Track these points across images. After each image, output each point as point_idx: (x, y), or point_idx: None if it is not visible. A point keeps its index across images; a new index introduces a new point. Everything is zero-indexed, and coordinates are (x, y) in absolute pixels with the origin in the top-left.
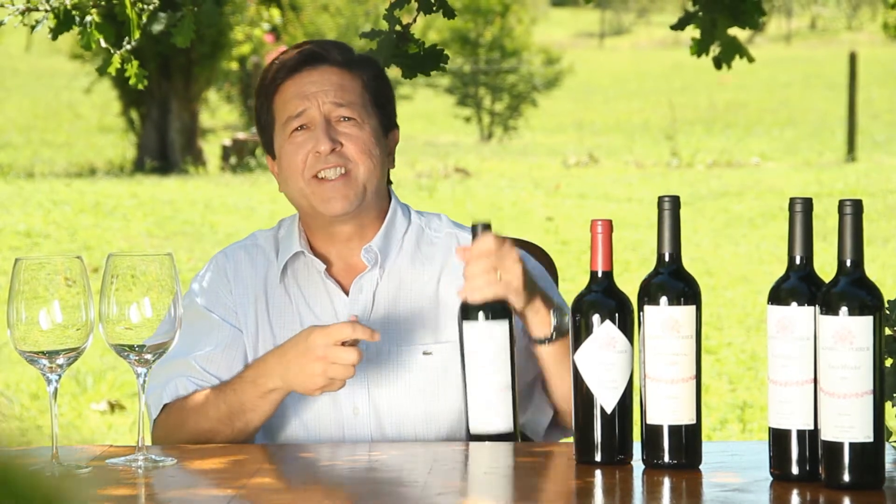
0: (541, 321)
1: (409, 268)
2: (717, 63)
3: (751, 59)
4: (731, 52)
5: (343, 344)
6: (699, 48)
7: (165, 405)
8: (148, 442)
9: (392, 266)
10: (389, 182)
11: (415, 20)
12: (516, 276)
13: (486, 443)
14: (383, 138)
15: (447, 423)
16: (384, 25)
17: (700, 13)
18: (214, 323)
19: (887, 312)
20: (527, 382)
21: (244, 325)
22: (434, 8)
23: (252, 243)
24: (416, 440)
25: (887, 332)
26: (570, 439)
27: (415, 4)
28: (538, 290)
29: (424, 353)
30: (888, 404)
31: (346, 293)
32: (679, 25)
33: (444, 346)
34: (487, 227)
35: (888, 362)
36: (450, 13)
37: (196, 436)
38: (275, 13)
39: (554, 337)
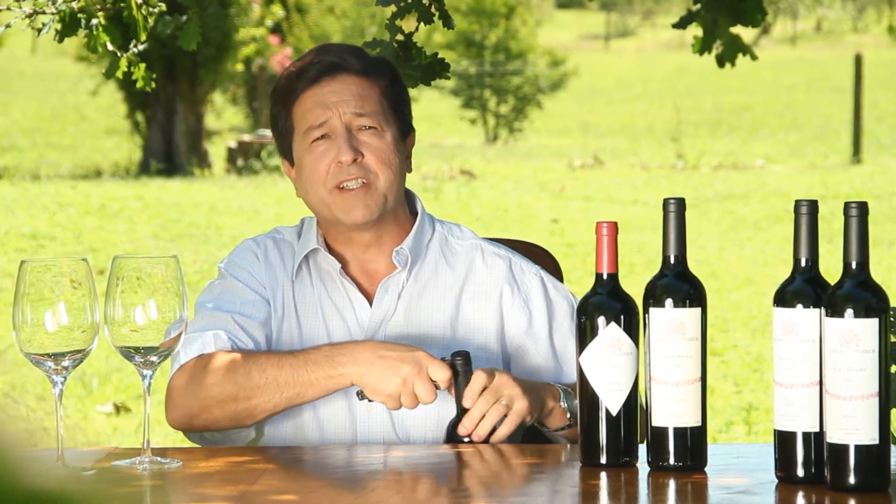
0: (557, 416)
1: (433, 274)
2: (720, 61)
3: (754, 57)
4: (733, 50)
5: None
6: (701, 46)
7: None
8: (153, 444)
9: (418, 271)
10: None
11: (416, 29)
12: (519, 398)
13: (489, 445)
14: (402, 144)
15: None
16: (386, 33)
17: (702, 12)
18: (251, 296)
19: (893, 319)
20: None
21: (272, 308)
22: (434, 18)
23: (278, 236)
24: (424, 441)
25: (893, 338)
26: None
27: (416, 14)
28: (541, 391)
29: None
30: (894, 411)
31: (364, 294)
32: (681, 24)
33: None
34: (466, 357)
35: (894, 368)
36: (449, 24)
37: (206, 399)
38: (277, 9)
39: (571, 422)
